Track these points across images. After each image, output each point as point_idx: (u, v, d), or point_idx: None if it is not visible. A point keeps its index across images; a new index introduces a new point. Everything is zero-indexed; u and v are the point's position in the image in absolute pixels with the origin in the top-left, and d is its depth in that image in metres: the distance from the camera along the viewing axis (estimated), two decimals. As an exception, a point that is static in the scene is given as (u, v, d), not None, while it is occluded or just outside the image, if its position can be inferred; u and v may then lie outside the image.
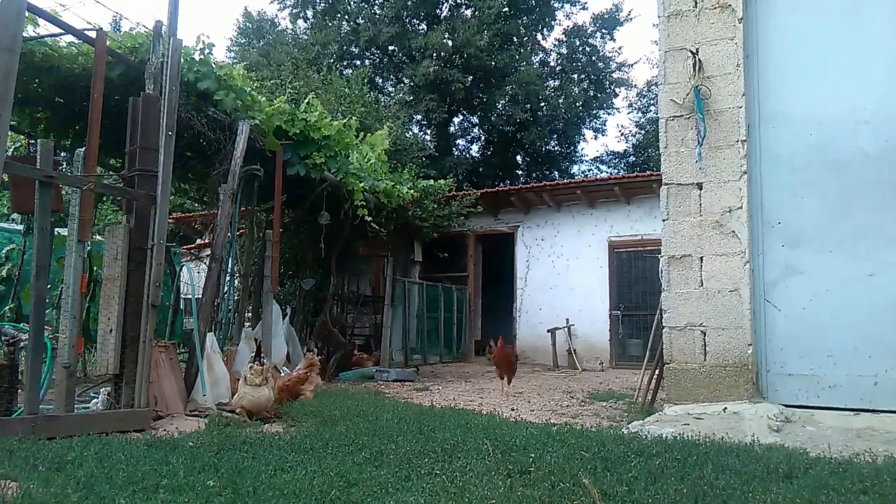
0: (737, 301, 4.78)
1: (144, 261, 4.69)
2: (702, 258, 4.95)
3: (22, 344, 4.26)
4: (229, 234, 6.30)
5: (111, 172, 7.43)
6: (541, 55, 24.66)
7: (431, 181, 11.30)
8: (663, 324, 5.08)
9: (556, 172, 24.80)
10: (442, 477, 2.80)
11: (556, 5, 24.02)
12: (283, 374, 5.53)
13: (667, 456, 3.13)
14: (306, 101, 8.10)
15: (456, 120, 23.80)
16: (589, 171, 26.30)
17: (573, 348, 12.31)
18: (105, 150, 6.50)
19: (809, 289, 4.67)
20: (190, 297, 7.13)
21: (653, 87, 23.84)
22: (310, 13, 23.35)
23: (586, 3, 24.64)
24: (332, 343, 9.40)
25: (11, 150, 6.53)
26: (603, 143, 45.04)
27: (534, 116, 22.27)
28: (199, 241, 13.82)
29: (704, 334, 4.87)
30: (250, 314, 7.92)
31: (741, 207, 4.84)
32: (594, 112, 25.28)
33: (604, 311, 12.48)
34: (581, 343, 12.47)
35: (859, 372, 4.46)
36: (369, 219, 8.55)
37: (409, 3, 21.46)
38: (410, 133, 18.22)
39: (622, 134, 27.66)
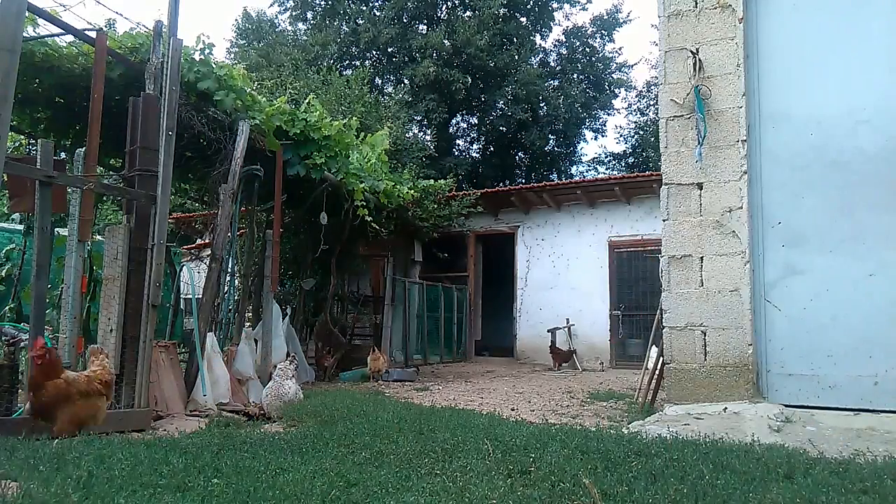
0: (737, 301, 4.78)
1: (144, 261, 4.69)
2: (702, 258, 4.95)
3: (22, 344, 4.26)
4: (229, 234, 6.30)
5: (111, 172, 7.43)
6: (540, 56, 24.67)
7: (431, 181, 11.31)
8: (663, 324, 5.08)
9: (555, 173, 24.82)
10: (442, 477, 2.79)
11: (555, 6, 24.02)
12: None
13: (667, 456, 3.12)
14: (306, 101, 8.10)
15: (456, 120, 23.80)
16: (587, 171, 26.34)
17: (573, 348, 12.31)
18: (105, 150, 6.49)
19: (809, 289, 4.67)
20: (190, 297, 7.13)
21: (652, 89, 23.87)
22: (309, 15, 23.36)
23: (585, 4, 24.58)
24: (332, 343, 9.40)
25: (11, 149, 6.53)
26: (602, 143, 45.16)
27: (534, 116, 22.27)
28: (199, 241, 13.82)
29: (705, 334, 4.87)
30: (250, 314, 7.92)
31: (741, 207, 4.84)
32: (594, 113, 25.29)
33: (604, 311, 12.48)
34: (581, 343, 12.48)
35: (859, 372, 4.46)
36: (370, 219, 8.55)
37: (409, 4, 21.46)
38: (410, 133, 18.22)
39: (621, 135, 27.66)
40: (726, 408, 4.49)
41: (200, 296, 6.02)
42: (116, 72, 5.84)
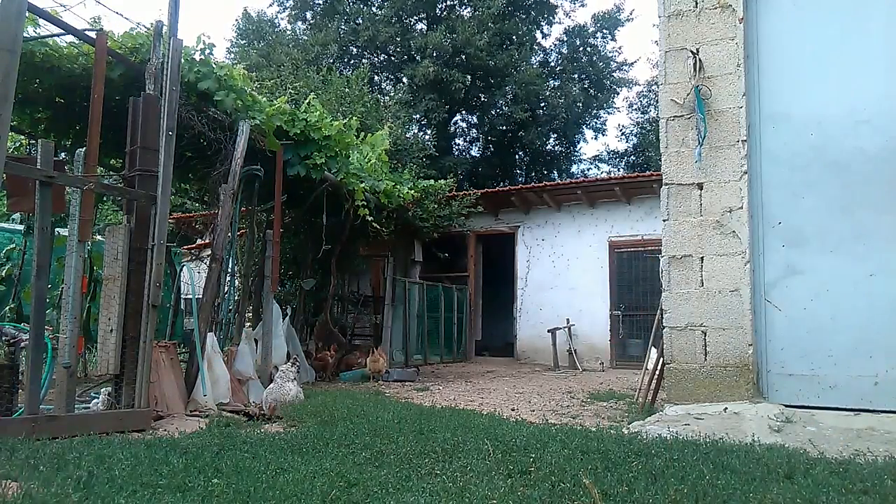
0: (737, 301, 4.78)
1: (145, 261, 4.69)
2: (702, 258, 4.95)
3: (22, 344, 4.26)
4: (229, 234, 6.30)
5: (111, 172, 7.44)
6: (541, 55, 24.69)
7: (432, 181, 11.31)
8: (664, 324, 5.08)
9: (555, 172, 24.83)
10: (442, 477, 2.80)
11: (555, 4, 24.01)
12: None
13: (667, 456, 3.13)
14: (307, 101, 8.11)
15: (456, 120, 23.81)
16: (588, 170, 26.37)
17: (573, 348, 12.31)
18: (105, 150, 6.49)
19: (810, 289, 4.67)
20: (190, 297, 7.13)
21: (653, 87, 23.85)
22: (309, 14, 23.37)
23: (585, 1, 24.62)
24: (332, 343, 9.40)
25: (11, 149, 6.53)
26: (603, 142, 45.19)
27: (534, 116, 22.27)
28: (199, 242, 13.82)
29: (705, 334, 4.87)
30: (251, 314, 7.92)
31: (741, 207, 4.84)
32: (594, 112, 25.30)
33: (604, 312, 12.48)
34: (581, 343, 12.48)
35: (859, 372, 4.46)
36: (370, 219, 8.55)
37: (408, 3, 21.46)
38: (410, 133, 18.22)
39: (622, 133, 27.68)
40: (726, 408, 4.49)
41: (200, 296, 6.02)
42: (116, 72, 5.84)
